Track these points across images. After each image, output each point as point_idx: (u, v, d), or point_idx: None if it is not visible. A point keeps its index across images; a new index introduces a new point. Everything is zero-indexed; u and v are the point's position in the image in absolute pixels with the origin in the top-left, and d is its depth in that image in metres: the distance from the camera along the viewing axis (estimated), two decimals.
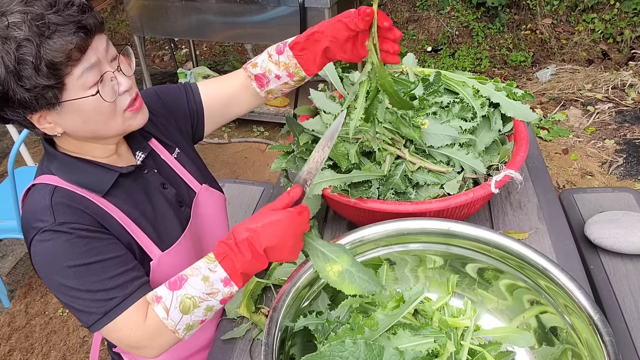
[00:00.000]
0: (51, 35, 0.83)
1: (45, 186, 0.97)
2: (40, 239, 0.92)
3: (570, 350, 0.93)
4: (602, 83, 3.71)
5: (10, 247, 2.87)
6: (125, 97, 0.96)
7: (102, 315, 0.92)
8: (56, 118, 0.92)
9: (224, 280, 0.89)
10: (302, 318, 0.95)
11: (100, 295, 0.92)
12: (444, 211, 1.18)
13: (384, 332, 0.89)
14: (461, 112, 1.30)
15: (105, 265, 0.93)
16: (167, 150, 1.16)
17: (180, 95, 1.20)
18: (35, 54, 0.82)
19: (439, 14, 4.51)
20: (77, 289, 0.92)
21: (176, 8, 3.12)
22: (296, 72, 1.10)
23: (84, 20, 0.86)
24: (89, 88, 0.89)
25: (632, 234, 1.39)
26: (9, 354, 2.32)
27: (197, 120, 1.22)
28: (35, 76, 0.83)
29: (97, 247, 0.94)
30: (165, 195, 1.11)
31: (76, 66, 0.86)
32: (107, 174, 1.02)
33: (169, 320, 0.91)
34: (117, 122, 0.97)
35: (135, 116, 0.99)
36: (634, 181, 2.93)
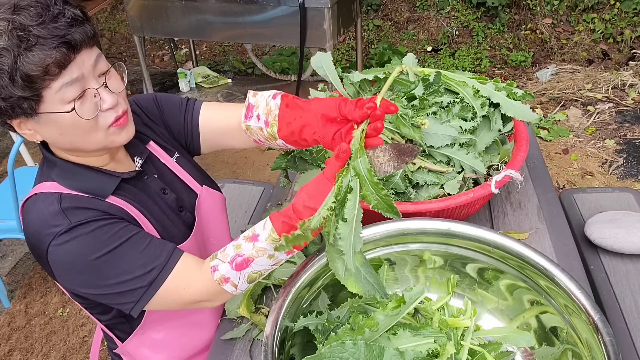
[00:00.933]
0: (31, 47, 0.81)
1: (50, 195, 0.96)
2: (59, 242, 0.91)
3: (571, 350, 0.93)
4: (602, 83, 3.71)
5: (10, 247, 2.87)
6: (110, 114, 0.93)
7: (148, 286, 0.94)
8: (35, 126, 0.91)
9: (287, 251, 0.93)
10: (302, 318, 0.95)
11: (139, 271, 0.93)
12: (444, 211, 1.18)
13: (384, 332, 0.89)
14: (461, 112, 1.30)
15: (131, 243, 0.94)
16: (167, 153, 1.15)
17: (179, 110, 1.17)
18: (11, 64, 0.80)
19: (439, 14, 4.51)
20: (112, 275, 0.92)
21: (176, 8, 3.12)
22: (272, 123, 1.00)
23: (69, 35, 0.84)
24: (68, 102, 0.87)
25: (632, 234, 1.39)
26: (9, 354, 2.32)
27: (191, 138, 1.18)
28: (10, 86, 0.82)
29: (117, 230, 0.94)
30: (166, 200, 1.10)
31: (55, 80, 0.84)
32: (109, 180, 1.01)
33: (238, 290, 0.97)
34: (98, 137, 0.94)
35: (120, 132, 0.96)
36: (634, 181, 2.93)
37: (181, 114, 1.17)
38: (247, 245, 0.93)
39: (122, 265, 0.93)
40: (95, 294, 0.96)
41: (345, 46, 4.61)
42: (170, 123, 1.18)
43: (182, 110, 1.17)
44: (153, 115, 1.16)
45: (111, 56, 4.95)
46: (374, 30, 4.64)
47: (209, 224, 1.21)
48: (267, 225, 0.91)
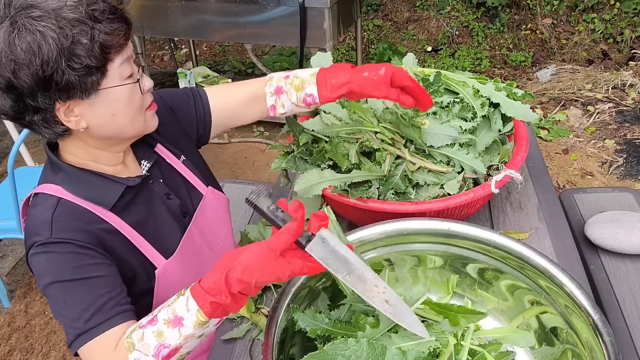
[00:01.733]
0: (101, 20, 0.86)
1: (50, 197, 0.96)
2: (34, 252, 0.92)
3: (571, 350, 0.93)
4: (602, 83, 3.71)
5: (10, 247, 2.87)
6: (147, 96, 0.99)
7: (76, 337, 0.89)
8: (85, 109, 0.90)
9: (218, 321, 0.86)
10: (302, 316, 0.95)
11: (79, 315, 0.89)
12: (445, 211, 1.18)
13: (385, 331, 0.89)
14: (461, 112, 1.30)
15: (90, 284, 0.91)
16: (174, 155, 1.15)
17: (188, 101, 1.19)
18: (90, 35, 0.84)
19: (439, 14, 4.51)
20: (61, 305, 0.91)
21: (176, 8, 3.12)
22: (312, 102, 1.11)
23: (125, 14, 0.91)
24: (125, 79, 0.92)
25: (632, 234, 1.39)
26: (9, 354, 2.32)
27: (203, 127, 1.21)
28: (85, 57, 0.84)
29: (85, 265, 0.92)
30: (169, 206, 1.10)
31: (118, 54, 0.89)
32: (114, 187, 1.00)
33: None
34: (140, 120, 0.98)
35: (153, 117, 1.02)
36: (634, 181, 2.93)
37: (191, 105, 1.19)
38: (171, 332, 0.83)
39: (70, 301, 0.90)
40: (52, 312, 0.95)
41: (345, 46, 4.61)
42: (180, 116, 1.19)
43: (191, 101, 1.20)
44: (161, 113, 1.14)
45: None
46: (374, 30, 4.64)
47: (212, 225, 1.21)
48: (191, 306, 0.81)
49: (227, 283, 0.78)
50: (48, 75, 0.83)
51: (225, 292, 0.78)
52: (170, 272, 1.07)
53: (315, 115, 1.38)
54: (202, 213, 1.16)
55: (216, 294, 0.79)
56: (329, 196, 1.21)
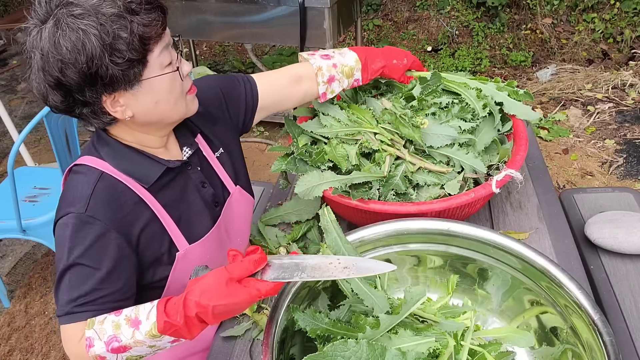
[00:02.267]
0: (138, 12, 0.87)
1: (94, 171, 0.99)
2: (64, 221, 0.94)
3: (571, 350, 0.93)
4: (602, 83, 3.71)
5: (10, 247, 2.87)
6: (187, 80, 1.01)
7: (60, 314, 0.93)
8: (130, 99, 0.93)
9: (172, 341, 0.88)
10: (301, 315, 0.95)
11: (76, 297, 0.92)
12: (446, 211, 1.18)
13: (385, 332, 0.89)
14: (460, 112, 1.30)
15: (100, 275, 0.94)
16: (210, 149, 1.17)
17: (240, 87, 1.24)
18: (129, 29, 0.86)
19: (439, 14, 4.51)
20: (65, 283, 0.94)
21: (176, 8, 3.12)
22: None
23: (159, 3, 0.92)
24: (165, 67, 0.93)
25: (632, 234, 1.39)
26: (9, 354, 2.32)
27: (251, 112, 1.26)
28: (126, 51, 0.86)
29: (103, 254, 0.94)
30: (203, 194, 1.12)
31: (157, 44, 0.91)
32: (155, 166, 1.03)
33: None
34: (182, 104, 1.00)
35: (194, 100, 1.04)
36: (634, 181, 2.93)
37: (242, 92, 1.24)
38: (126, 330, 0.87)
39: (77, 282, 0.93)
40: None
41: (346, 46, 4.61)
42: (229, 105, 1.23)
43: (241, 87, 1.24)
44: (212, 101, 1.19)
45: None
46: (374, 30, 4.64)
47: (234, 223, 1.23)
48: (151, 316, 0.86)
49: (184, 305, 0.82)
50: (93, 72, 0.86)
51: (180, 313, 0.82)
52: (190, 256, 1.08)
53: (314, 117, 1.38)
54: (228, 209, 1.18)
55: (171, 315, 0.83)
56: (329, 197, 1.21)
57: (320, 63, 1.27)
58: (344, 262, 0.82)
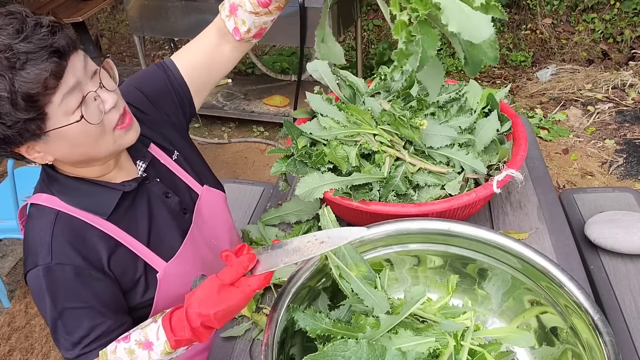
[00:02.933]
0: (23, 66, 0.78)
1: (47, 211, 0.96)
2: (35, 274, 0.93)
3: (571, 350, 0.93)
4: (602, 83, 3.71)
5: (10, 247, 2.87)
6: (113, 114, 0.91)
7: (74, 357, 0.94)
8: (44, 147, 0.89)
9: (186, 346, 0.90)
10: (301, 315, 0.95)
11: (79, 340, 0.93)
12: (447, 212, 1.18)
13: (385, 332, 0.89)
14: (459, 112, 1.30)
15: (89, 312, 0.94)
16: (166, 155, 1.14)
17: (160, 77, 1.12)
18: (9, 89, 0.77)
19: None
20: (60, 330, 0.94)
21: (176, 8, 3.12)
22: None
23: (56, 42, 0.80)
24: (72, 113, 0.85)
25: (632, 234, 1.39)
26: (9, 354, 2.32)
27: (184, 98, 1.15)
28: (13, 112, 0.79)
29: (85, 291, 0.94)
30: (169, 204, 1.10)
31: (55, 94, 0.81)
32: (111, 194, 1.00)
33: None
34: (107, 142, 0.92)
35: (126, 134, 0.95)
36: (634, 181, 2.93)
37: (164, 80, 1.12)
38: (141, 353, 0.88)
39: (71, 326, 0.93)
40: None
41: (345, 46, 4.61)
42: (160, 99, 1.13)
43: (161, 75, 1.12)
44: (144, 107, 1.11)
45: (111, 56, 4.94)
46: (374, 30, 4.64)
47: (210, 224, 1.21)
48: (160, 336, 0.87)
49: (187, 319, 0.83)
50: None
51: (187, 327, 0.84)
52: (171, 274, 1.07)
53: (313, 118, 1.38)
54: (198, 213, 1.16)
55: (179, 331, 0.85)
56: (330, 199, 1.21)
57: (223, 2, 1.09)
58: (320, 237, 0.82)
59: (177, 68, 1.12)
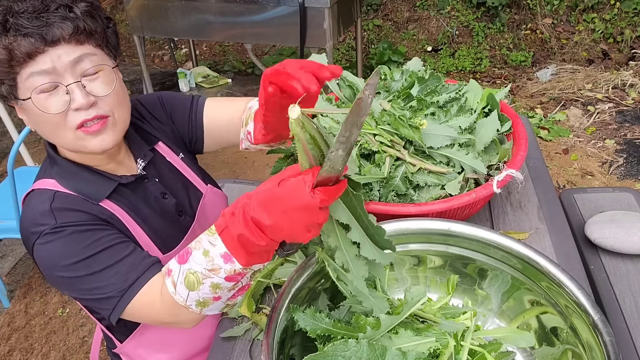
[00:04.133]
0: (6, 32, 0.85)
1: (45, 191, 0.97)
2: (43, 241, 0.92)
3: (571, 350, 0.93)
4: (602, 83, 3.71)
5: (10, 247, 2.87)
6: (79, 115, 0.91)
7: (120, 297, 0.91)
8: (23, 113, 0.94)
9: (223, 255, 0.77)
10: (301, 315, 0.95)
11: (114, 280, 0.91)
12: (447, 212, 1.18)
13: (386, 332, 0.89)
14: (460, 112, 1.30)
15: (112, 251, 0.93)
16: (174, 152, 1.16)
17: (184, 106, 1.18)
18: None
19: (439, 14, 4.51)
20: (90, 280, 0.92)
21: (176, 8, 3.12)
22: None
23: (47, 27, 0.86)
24: (37, 93, 0.88)
25: (632, 234, 1.39)
26: (9, 354, 2.32)
27: (195, 136, 1.18)
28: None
29: (101, 237, 0.93)
30: (165, 205, 1.10)
31: (22, 67, 0.87)
32: (106, 183, 1.01)
33: (177, 295, 0.85)
34: (67, 136, 0.93)
35: (90, 139, 0.94)
36: (634, 181, 2.93)
37: (186, 113, 1.17)
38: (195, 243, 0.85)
39: (99, 271, 0.92)
40: (76, 297, 0.96)
41: (345, 46, 4.61)
42: (176, 122, 1.18)
43: (187, 109, 1.17)
44: (159, 114, 1.16)
45: None
46: (374, 30, 4.64)
47: (212, 222, 1.21)
48: (216, 242, 0.80)
49: (235, 203, 0.74)
50: None
51: (229, 209, 0.75)
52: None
53: (313, 118, 1.38)
54: (202, 211, 1.17)
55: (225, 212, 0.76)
56: None
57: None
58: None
59: (203, 108, 1.17)
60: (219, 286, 0.82)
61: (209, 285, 0.82)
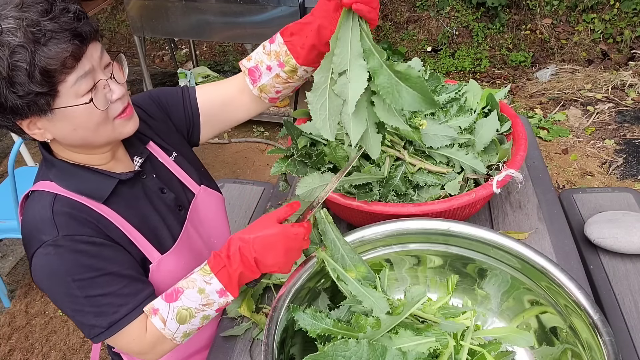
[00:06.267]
0: (46, 42, 0.82)
1: (46, 195, 0.96)
2: (44, 252, 0.92)
3: (570, 350, 0.93)
4: (602, 83, 3.72)
5: (10, 247, 2.87)
6: (117, 105, 0.95)
7: (106, 328, 0.94)
8: (46, 124, 0.91)
9: (219, 291, 0.93)
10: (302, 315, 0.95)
11: (105, 309, 0.93)
12: (447, 212, 1.18)
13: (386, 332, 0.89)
14: (459, 112, 1.30)
15: (109, 279, 0.94)
16: (165, 153, 1.15)
17: (177, 97, 1.19)
18: (29, 60, 0.81)
19: (439, 14, 4.51)
20: (81, 302, 0.93)
21: (176, 8, 3.12)
22: (286, 60, 1.01)
23: (79, 27, 0.85)
24: (82, 96, 0.89)
25: (632, 234, 1.39)
26: (9, 354, 2.32)
27: (192, 123, 1.20)
28: (28, 83, 0.82)
29: (100, 260, 0.94)
30: (164, 200, 1.11)
31: (70, 74, 0.86)
32: (107, 181, 1.01)
33: (167, 330, 0.95)
34: (107, 129, 0.96)
35: (126, 123, 0.99)
36: (633, 181, 2.93)
37: (180, 102, 1.18)
38: (182, 281, 0.96)
39: (93, 297, 0.93)
40: (64, 311, 0.97)
41: None
42: (170, 112, 1.19)
43: (179, 96, 1.19)
44: (152, 112, 1.16)
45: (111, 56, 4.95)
46: (374, 31, 4.63)
47: (205, 224, 1.21)
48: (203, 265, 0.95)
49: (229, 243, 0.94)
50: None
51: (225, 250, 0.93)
52: (164, 267, 1.07)
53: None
54: (194, 211, 1.17)
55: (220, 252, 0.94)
56: (330, 199, 1.21)
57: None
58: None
59: (196, 95, 1.19)
60: (208, 317, 0.98)
61: (200, 317, 0.97)
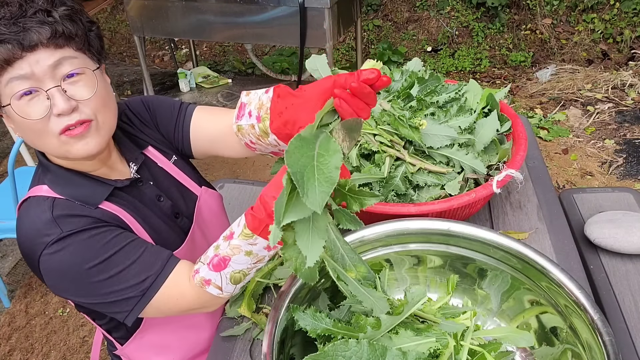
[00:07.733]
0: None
1: (43, 200, 0.95)
2: (51, 251, 0.90)
3: (570, 350, 0.93)
4: (602, 83, 3.72)
5: (10, 247, 2.87)
6: (62, 120, 0.89)
7: (141, 296, 0.93)
8: (9, 121, 0.92)
9: (267, 247, 0.89)
10: (302, 315, 0.95)
11: (132, 280, 0.92)
12: (447, 212, 1.18)
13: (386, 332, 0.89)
14: (459, 112, 1.30)
15: (125, 252, 0.93)
16: (165, 157, 1.14)
17: (171, 115, 1.14)
18: None
19: (439, 14, 4.51)
20: (105, 285, 0.91)
21: (176, 8, 3.12)
22: (264, 117, 0.94)
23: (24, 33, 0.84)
24: (18, 99, 0.86)
25: (632, 233, 1.39)
26: (9, 354, 2.32)
27: (182, 144, 1.15)
28: None
29: (110, 239, 0.92)
30: (161, 207, 1.10)
31: (2, 74, 0.85)
32: (101, 188, 0.99)
33: (224, 293, 0.95)
34: (52, 142, 0.91)
35: (74, 144, 0.91)
36: (633, 181, 2.93)
37: (172, 119, 1.14)
38: (224, 244, 0.90)
39: (115, 274, 0.91)
40: (88, 303, 0.96)
41: (345, 46, 4.61)
42: (160, 126, 1.15)
43: (173, 115, 1.14)
44: (145, 118, 1.14)
45: (111, 56, 4.95)
46: (374, 30, 4.64)
47: (209, 224, 1.21)
48: (241, 222, 0.88)
49: (262, 200, 0.85)
50: None
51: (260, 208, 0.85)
52: None
53: None
54: (199, 213, 1.16)
55: (256, 210, 0.86)
56: None
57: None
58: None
59: (191, 119, 1.13)
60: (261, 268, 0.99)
61: (254, 271, 0.95)
